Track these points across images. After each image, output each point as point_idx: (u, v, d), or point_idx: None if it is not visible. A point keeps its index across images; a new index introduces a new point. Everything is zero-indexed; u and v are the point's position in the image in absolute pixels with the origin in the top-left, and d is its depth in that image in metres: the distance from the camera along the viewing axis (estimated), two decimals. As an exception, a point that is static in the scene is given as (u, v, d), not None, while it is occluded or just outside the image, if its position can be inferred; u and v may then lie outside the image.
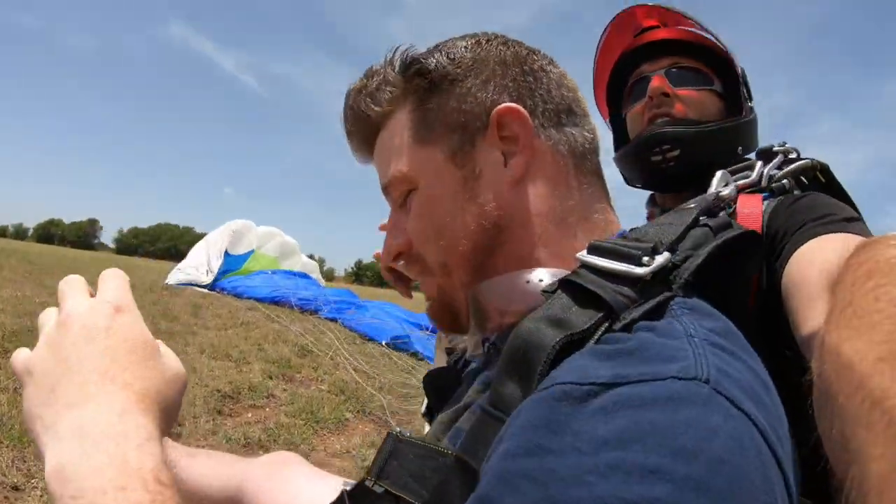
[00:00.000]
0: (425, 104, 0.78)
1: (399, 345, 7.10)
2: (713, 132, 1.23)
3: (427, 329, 7.81)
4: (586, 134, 0.81)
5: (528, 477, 0.44)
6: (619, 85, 1.43)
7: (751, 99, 1.31)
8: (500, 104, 0.75)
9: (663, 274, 0.59)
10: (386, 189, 0.83)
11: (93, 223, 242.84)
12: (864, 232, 0.90)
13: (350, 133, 0.86)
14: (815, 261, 0.84)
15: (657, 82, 1.27)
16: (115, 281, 0.67)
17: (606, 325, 0.55)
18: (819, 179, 1.15)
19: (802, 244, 0.90)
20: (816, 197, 1.03)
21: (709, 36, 1.30)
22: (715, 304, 0.63)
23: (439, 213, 0.77)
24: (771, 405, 0.53)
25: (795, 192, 1.11)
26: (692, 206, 0.74)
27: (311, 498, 1.24)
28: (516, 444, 0.46)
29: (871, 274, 0.43)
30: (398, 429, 0.75)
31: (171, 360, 0.64)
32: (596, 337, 0.54)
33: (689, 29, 1.32)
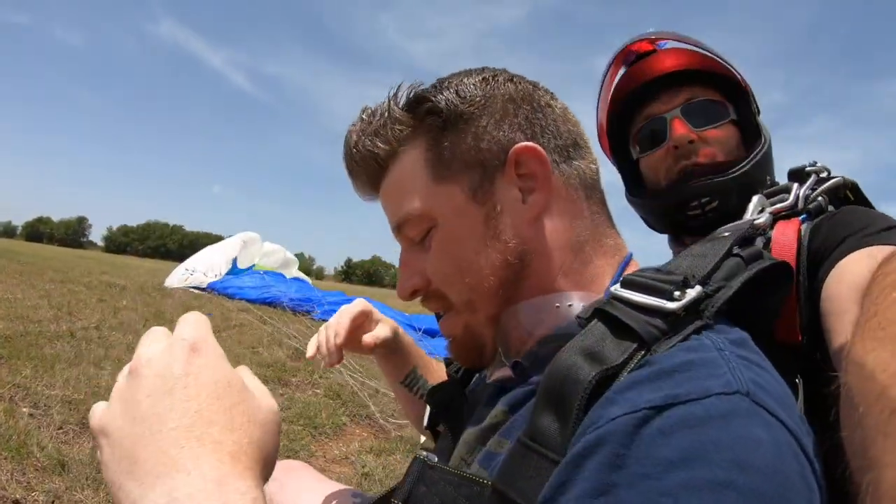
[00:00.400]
0: (440, 142, 0.78)
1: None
2: (747, 173, 1.17)
3: (420, 329, 7.78)
4: (591, 166, 0.84)
5: None
6: (621, 122, 1.36)
7: (759, 112, 1.27)
8: (516, 142, 0.77)
9: (695, 306, 0.60)
10: (399, 227, 0.82)
11: (81, 221, 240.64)
12: None
13: (354, 172, 0.86)
14: (845, 275, 0.83)
15: (680, 130, 1.20)
16: (191, 317, 0.60)
17: (641, 354, 0.57)
18: (849, 198, 1.14)
19: (840, 260, 0.88)
20: (853, 211, 1.02)
21: (710, 55, 1.23)
22: (743, 329, 0.64)
23: (464, 250, 0.78)
24: (794, 407, 0.56)
25: (831, 209, 1.09)
26: (727, 234, 0.77)
27: (319, 501, 1.27)
28: (587, 486, 0.48)
29: None
30: (424, 453, 0.78)
31: (260, 397, 0.57)
32: (630, 367, 0.56)
33: (690, 47, 1.24)
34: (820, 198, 1.10)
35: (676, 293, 0.59)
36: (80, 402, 2.89)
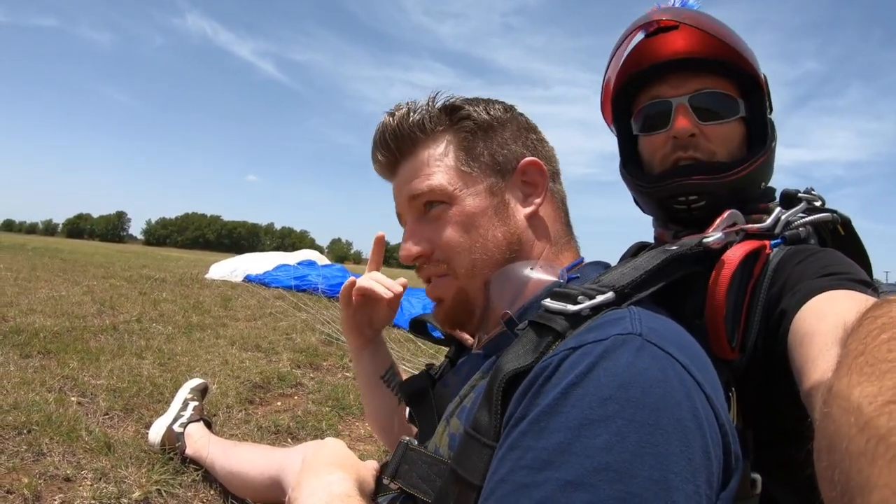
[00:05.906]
0: (473, 142, 1.00)
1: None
2: (742, 178, 1.14)
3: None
4: (564, 191, 1.10)
5: (531, 428, 0.63)
6: (627, 92, 1.31)
7: (771, 110, 1.23)
8: (526, 157, 1.02)
9: (614, 302, 0.77)
10: (417, 196, 1.00)
11: (120, 216, 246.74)
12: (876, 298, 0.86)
13: (384, 145, 1.03)
14: (828, 314, 0.80)
15: (683, 121, 1.16)
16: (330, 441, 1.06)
17: (559, 341, 0.73)
18: (839, 233, 1.13)
19: (815, 295, 0.87)
20: (833, 255, 1.00)
21: (733, 45, 1.16)
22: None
23: (476, 227, 0.98)
24: (695, 349, 0.73)
25: (812, 245, 1.07)
26: (673, 248, 0.91)
27: None
28: (520, 413, 0.66)
29: (885, 328, 0.44)
30: (407, 438, 0.97)
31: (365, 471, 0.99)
32: (551, 350, 0.72)
33: (713, 33, 1.15)
34: (801, 228, 1.09)
35: (580, 297, 0.76)
36: (124, 390, 3.03)
